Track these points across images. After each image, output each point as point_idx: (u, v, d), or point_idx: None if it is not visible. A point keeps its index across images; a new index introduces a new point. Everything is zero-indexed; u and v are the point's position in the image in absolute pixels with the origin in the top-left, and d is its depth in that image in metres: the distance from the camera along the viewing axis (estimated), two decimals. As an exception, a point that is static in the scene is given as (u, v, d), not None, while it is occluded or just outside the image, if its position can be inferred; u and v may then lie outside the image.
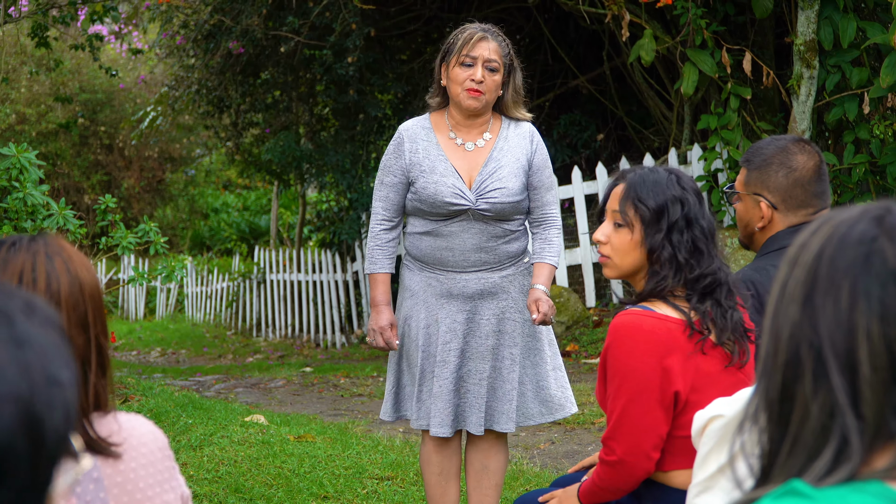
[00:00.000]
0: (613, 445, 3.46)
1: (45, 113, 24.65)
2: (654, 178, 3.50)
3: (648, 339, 3.38)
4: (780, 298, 1.55)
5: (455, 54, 4.91)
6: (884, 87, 9.08)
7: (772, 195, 4.00)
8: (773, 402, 1.53)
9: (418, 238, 5.03)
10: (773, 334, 1.54)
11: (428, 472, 5.12)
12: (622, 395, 3.43)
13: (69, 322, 2.39)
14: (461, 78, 4.89)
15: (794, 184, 3.98)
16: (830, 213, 1.59)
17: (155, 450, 2.51)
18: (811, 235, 1.57)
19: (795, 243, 1.59)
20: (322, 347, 16.44)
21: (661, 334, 3.39)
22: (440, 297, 4.98)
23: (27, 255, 2.40)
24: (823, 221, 1.58)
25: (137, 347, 18.88)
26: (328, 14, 13.50)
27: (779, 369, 1.52)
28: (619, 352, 3.43)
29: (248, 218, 28.13)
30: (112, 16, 13.01)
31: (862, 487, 1.46)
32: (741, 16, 11.82)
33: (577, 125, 14.87)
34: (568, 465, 7.14)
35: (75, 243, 6.95)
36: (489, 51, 4.90)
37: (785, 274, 1.56)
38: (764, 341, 1.55)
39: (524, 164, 5.00)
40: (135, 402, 8.20)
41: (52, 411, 1.37)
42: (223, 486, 6.27)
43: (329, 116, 16.67)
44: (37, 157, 6.57)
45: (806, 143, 4.07)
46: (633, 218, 3.48)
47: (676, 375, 3.39)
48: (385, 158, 5.06)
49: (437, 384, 4.91)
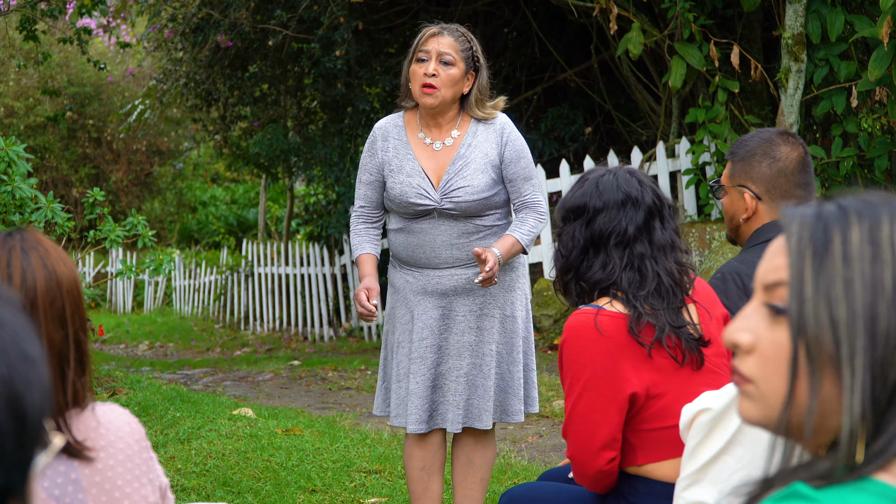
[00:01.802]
0: (567, 441, 3.51)
1: (33, 106, 24.60)
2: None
3: (597, 337, 3.39)
4: (882, 294, 1.51)
5: (412, 52, 4.94)
6: (872, 80, 9.09)
7: (756, 186, 4.01)
8: (878, 400, 1.51)
9: (394, 235, 5.07)
10: (881, 332, 1.50)
11: (410, 466, 5.11)
12: (573, 393, 3.45)
13: (45, 318, 2.36)
14: (417, 74, 4.90)
15: (777, 174, 3.99)
16: (855, 205, 1.57)
17: (132, 443, 2.50)
18: (878, 230, 1.54)
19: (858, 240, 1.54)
20: (310, 341, 16.44)
21: (612, 333, 3.40)
22: (417, 294, 4.99)
23: (2, 250, 2.38)
24: (874, 214, 1.55)
25: (125, 341, 18.84)
26: (316, 7, 13.49)
27: (894, 365, 1.50)
28: (570, 351, 3.45)
29: (236, 211, 28.10)
30: (100, 9, 12.97)
31: (862, 487, 1.46)
32: (729, 9, 11.82)
33: (565, 118, 14.86)
34: (556, 458, 7.15)
35: (63, 236, 6.94)
36: (441, 44, 4.89)
37: (878, 271, 1.52)
38: (862, 338, 1.51)
39: (494, 160, 4.98)
40: (123, 396, 8.19)
41: (31, 388, 1.38)
42: (211, 480, 6.26)
43: (317, 110, 16.66)
44: (25, 151, 6.56)
45: (790, 135, 4.07)
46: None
47: (630, 376, 3.40)
48: (363, 157, 5.11)
49: (413, 381, 4.92)
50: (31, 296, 2.36)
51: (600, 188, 3.53)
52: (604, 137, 15.22)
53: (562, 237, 3.58)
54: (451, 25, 5.03)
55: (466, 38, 4.98)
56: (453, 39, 4.92)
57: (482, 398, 4.98)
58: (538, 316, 11.53)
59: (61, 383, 2.39)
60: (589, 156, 12.56)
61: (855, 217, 1.55)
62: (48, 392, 1.42)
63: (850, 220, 1.55)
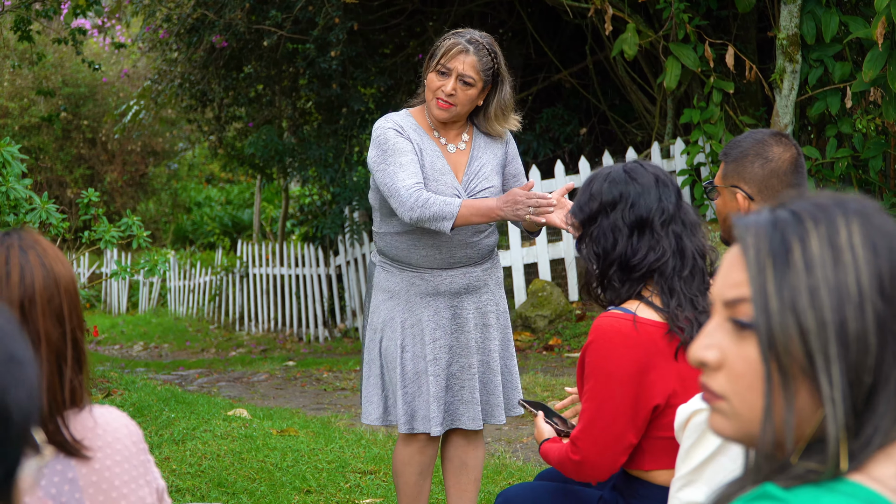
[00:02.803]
0: (581, 445, 3.46)
1: (27, 107, 24.59)
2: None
3: (626, 344, 3.36)
4: (848, 299, 1.51)
5: (434, 60, 4.87)
6: (866, 81, 9.10)
7: (748, 186, 3.98)
8: (856, 405, 1.52)
9: (398, 237, 4.94)
10: (853, 337, 1.51)
11: (408, 472, 5.05)
12: (595, 398, 3.42)
13: (43, 315, 2.37)
14: (435, 86, 4.85)
15: (769, 174, 3.96)
16: (806, 208, 1.57)
17: (129, 444, 2.50)
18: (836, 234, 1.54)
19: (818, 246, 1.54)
20: (305, 341, 16.45)
21: (642, 340, 3.37)
22: (425, 296, 4.94)
23: (1, 248, 2.39)
24: (829, 217, 1.56)
25: (120, 341, 18.84)
26: (311, 8, 13.49)
27: (868, 370, 1.50)
28: (597, 354, 3.41)
29: (230, 212, 28.10)
30: (95, 9, 12.95)
31: (834, 487, 1.47)
32: (724, 10, 11.84)
33: (560, 119, 14.87)
34: (551, 458, 7.14)
35: (58, 237, 6.94)
36: (465, 65, 4.81)
37: (842, 276, 1.52)
38: (834, 346, 1.51)
39: (502, 160, 5.03)
40: (117, 397, 8.19)
41: (16, 388, 1.38)
42: (206, 481, 6.26)
43: (312, 110, 16.66)
44: (19, 151, 6.55)
45: (784, 136, 4.07)
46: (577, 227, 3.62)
47: (657, 388, 3.38)
48: (392, 142, 4.86)
49: (432, 383, 4.88)
50: (30, 293, 2.36)
51: (632, 175, 3.52)
52: (599, 138, 15.24)
53: (596, 235, 3.52)
54: (480, 40, 4.90)
55: (491, 57, 4.88)
56: (477, 59, 4.83)
57: (493, 394, 5.01)
58: (533, 316, 11.52)
59: (59, 381, 2.39)
60: (584, 156, 12.56)
61: (811, 223, 1.55)
62: (36, 394, 1.42)
63: (806, 226, 1.55)
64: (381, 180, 4.78)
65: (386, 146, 4.82)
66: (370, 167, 4.90)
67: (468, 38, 4.87)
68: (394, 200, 4.71)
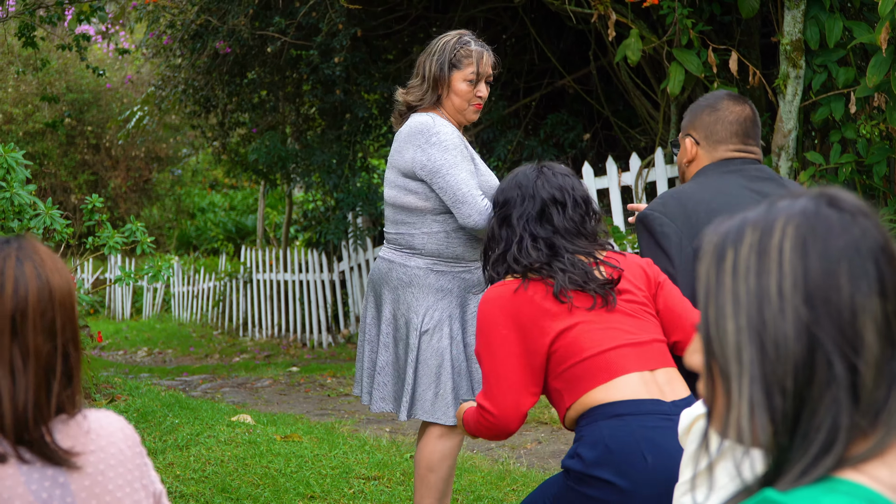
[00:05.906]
0: (485, 401, 3.82)
1: (31, 113, 24.62)
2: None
3: (502, 304, 3.81)
4: (768, 304, 1.54)
5: (462, 70, 5.04)
6: (870, 86, 9.09)
7: (696, 132, 4.35)
8: (778, 409, 1.53)
9: (450, 235, 5.00)
10: (770, 341, 1.52)
11: (444, 467, 4.98)
12: (485, 353, 3.83)
13: (34, 329, 2.34)
14: (468, 94, 5.04)
15: (714, 121, 4.31)
16: (756, 216, 1.60)
17: (125, 448, 2.48)
18: (768, 238, 1.56)
19: (747, 252, 1.58)
20: (308, 347, 16.44)
21: (519, 300, 3.79)
22: (469, 289, 5.06)
23: None
24: (770, 222, 1.58)
25: (124, 347, 18.86)
26: (315, 14, 13.49)
27: (788, 374, 1.51)
28: (481, 317, 3.85)
29: (234, 217, 28.11)
30: (99, 16, 12.96)
31: (833, 487, 1.47)
32: (727, 15, 11.83)
33: (564, 125, 14.87)
34: (555, 464, 7.14)
35: (62, 243, 6.94)
36: (489, 67, 5.09)
37: (764, 281, 1.55)
38: (748, 350, 1.54)
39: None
40: (121, 402, 8.19)
41: None
42: (210, 486, 6.26)
43: (315, 116, 16.66)
44: (24, 157, 6.57)
45: (741, 97, 4.40)
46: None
47: (545, 336, 3.73)
48: (456, 147, 4.94)
49: (475, 374, 4.99)
50: (23, 306, 2.34)
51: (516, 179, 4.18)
52: (602, 144, 15.23)
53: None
54: (478, 40, 5.17)
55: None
56: (491, 59, 5.14)
57: None
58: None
59: (46, 395, 2.37)
60: (588, 162, 12.56)
61: (750, 229, 1.59)
62: None
63: (744, 233, 1.59)
64: (450, 183, 4.88)
65: (455, 151, 4.93)
66: (430, 167, 4.91)
67: (476, 41, 5.12)
68: (465, 206, 4.86)
